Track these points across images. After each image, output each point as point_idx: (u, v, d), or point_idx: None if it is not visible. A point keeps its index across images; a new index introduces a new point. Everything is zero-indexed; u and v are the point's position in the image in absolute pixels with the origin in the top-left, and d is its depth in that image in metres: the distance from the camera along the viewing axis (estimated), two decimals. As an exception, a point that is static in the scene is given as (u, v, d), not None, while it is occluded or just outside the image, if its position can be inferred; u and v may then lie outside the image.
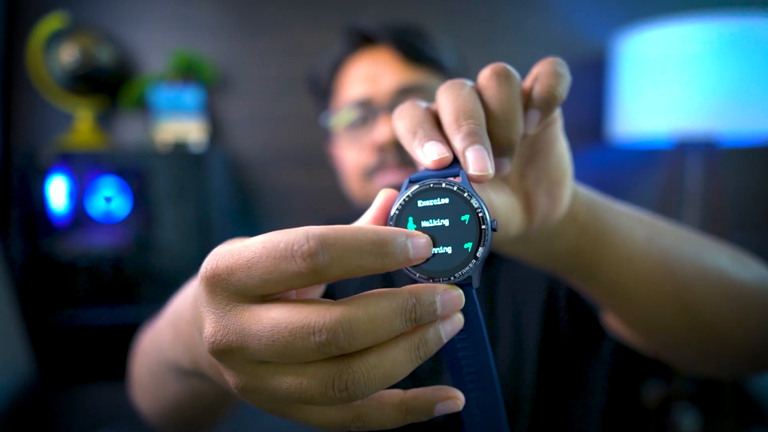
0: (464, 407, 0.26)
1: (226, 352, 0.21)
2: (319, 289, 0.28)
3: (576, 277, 0.39)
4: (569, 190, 0.33)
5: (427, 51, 0.66)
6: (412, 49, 0.65)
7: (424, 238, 0.21)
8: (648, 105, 1.31)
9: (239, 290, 0.21)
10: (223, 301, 0.21)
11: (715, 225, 1.39)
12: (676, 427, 1.39)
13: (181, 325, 0.32)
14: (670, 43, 1.26)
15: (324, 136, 0.78)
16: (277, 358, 0.20)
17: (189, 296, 0.30)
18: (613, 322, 0.51)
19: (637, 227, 0.38)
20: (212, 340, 0.21)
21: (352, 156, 0.67)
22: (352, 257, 0.19)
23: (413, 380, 0.56)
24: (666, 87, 1.27)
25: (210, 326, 0.21)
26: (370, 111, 0.65)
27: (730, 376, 0.78)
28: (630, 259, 0.37)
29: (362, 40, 0.69)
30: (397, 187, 0.62)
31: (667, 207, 1.43)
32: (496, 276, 0.62)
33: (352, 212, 0.73)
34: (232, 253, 0.21)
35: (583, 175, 0.35)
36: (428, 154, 0.25)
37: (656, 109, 1.29)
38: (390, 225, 0.24)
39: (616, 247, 0.37)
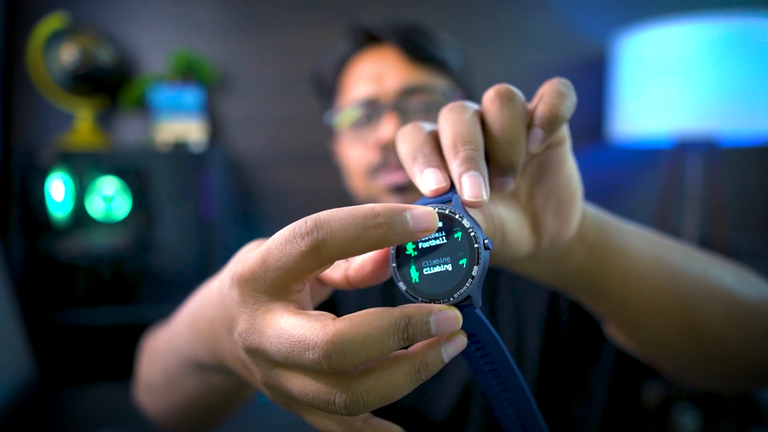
0: (498, 410, 0.28)
1: (252, 350, 0.23)
2: (326, 291, 0.29)
3: (584, 294, 0.39)
4: (578, 211, 0.34)
5: (433, 51, 0.65)
6: (418, 48, 0.65)
7: (426, 209, 0.22)
8: (648, 105, 1.31)
9: (262, 287, 0.23)
10: (251, 301, 0.23)
11: (715, 225, 1.39)
12: (676, 427, 1.39)
13: (201, 324, 0.33)
14: (670, 43, 1.26)
15: (325, 136, 0.78)
16: (286, 363, 0.22)
17: (210, 298, 0.31)
18: (615, 333, 0.52)
19: (645, 247, 0.38)
20: (243, 337, 0.23)
21: (355, 154, 0.67)
22: (348, 229, 0.21)
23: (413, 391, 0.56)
24: (666, 87, 1.27)
25: (242, 325, 0.23)
26: (374, 110, 0.65)
27: (732, 391, 0.79)
28: (638, 278, 0.38)
29: (367, 38, 0.68)
30: (400, 187, 0.62)
31: (667, 207, 1.43)
32: (499, 283, 0.63)
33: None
34: (252, 254, 0.23)
35: (583, 175, 0.35)
36: (426, 182, 0.26)
37: (656, 109, 1.29)
38: (391, 253, 0.25)
39: (624, 267, 0.37)
